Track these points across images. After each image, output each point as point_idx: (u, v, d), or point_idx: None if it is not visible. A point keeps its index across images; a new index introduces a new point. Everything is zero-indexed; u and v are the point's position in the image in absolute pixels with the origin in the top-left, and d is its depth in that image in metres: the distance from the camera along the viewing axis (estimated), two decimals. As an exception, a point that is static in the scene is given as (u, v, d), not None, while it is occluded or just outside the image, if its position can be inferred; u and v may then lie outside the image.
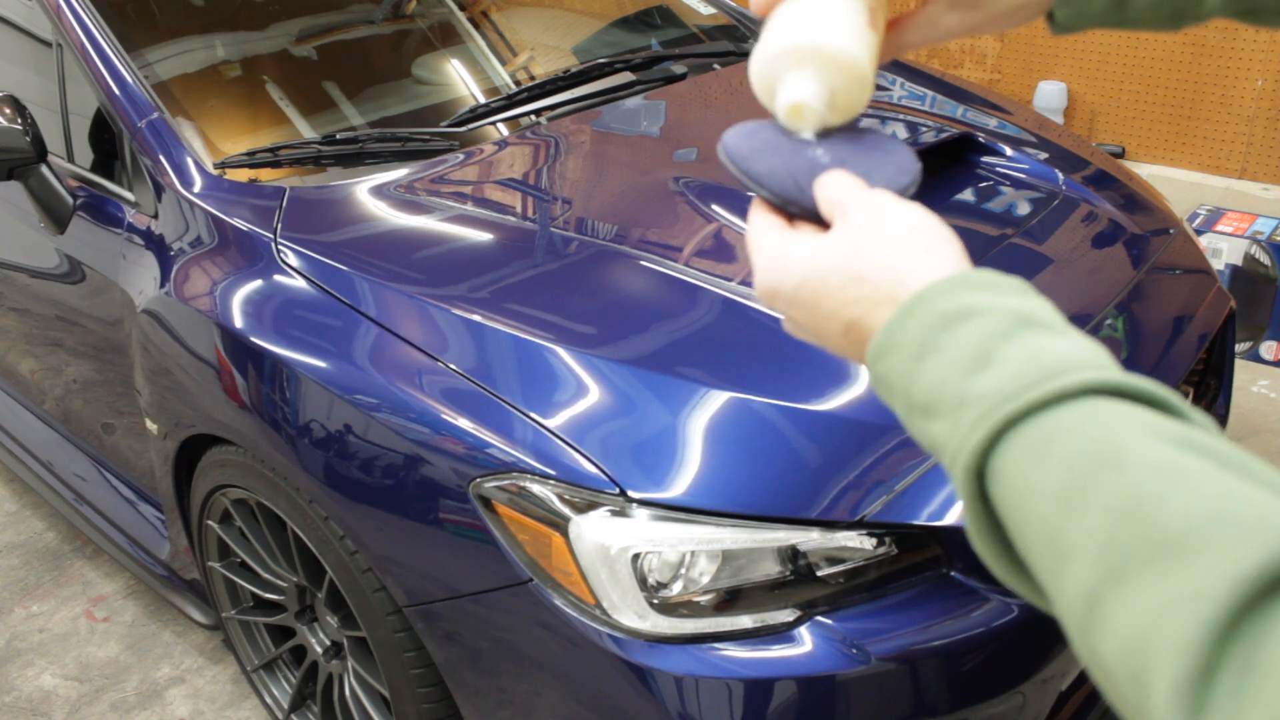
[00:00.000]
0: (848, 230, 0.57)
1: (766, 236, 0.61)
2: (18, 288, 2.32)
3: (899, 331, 0.52)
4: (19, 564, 2.59)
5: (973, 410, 0.47)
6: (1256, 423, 2.87)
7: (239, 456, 1.69)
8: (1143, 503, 0.40)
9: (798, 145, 0.63)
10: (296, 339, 1.55)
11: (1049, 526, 0.43)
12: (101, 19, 2.01)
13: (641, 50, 2.51)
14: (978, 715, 1.33)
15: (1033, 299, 0.51)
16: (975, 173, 1.97)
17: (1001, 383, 0.47)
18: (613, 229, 1.71)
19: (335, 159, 1.90)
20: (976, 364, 0.48)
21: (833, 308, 0.56)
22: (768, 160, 0.62)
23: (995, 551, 0.48)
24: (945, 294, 0.51)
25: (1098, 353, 0.48)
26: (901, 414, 0.53)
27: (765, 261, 0.60)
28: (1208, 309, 1.81)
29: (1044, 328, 0.49)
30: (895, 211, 0.57)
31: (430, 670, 1.52)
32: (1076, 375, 0.45)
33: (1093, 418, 0.44)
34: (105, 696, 2.19)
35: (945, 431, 0.49)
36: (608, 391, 1.37)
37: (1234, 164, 3.61)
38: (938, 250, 0.55)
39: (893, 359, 0.52)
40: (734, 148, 0.64)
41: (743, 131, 0.65)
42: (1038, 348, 0.48)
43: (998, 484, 0.46)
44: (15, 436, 2.61)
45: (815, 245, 0.58)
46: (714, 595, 1.29)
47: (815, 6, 0.63)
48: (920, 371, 0.50)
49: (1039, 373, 0.46)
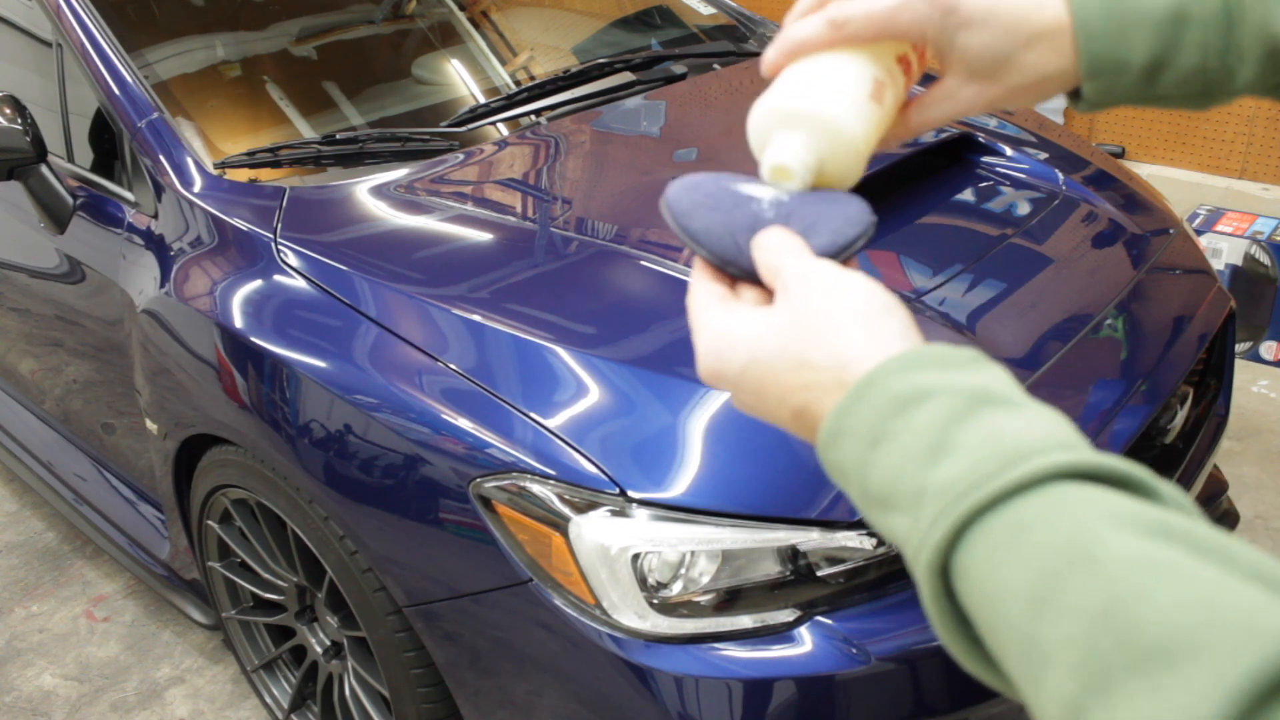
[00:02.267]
0: (788, 308, 0.54)
1: (708, 311, 0.57)
2: (18, 288, 2.32)
3: (848, 418, 0.49)
4: (19, 564, 2.59)
5: (932, 505, 0.44)
6: (1256, 423, 2.87)
7: (239, 456, 1.69)
8: (1122, 605, 0.37)
9: (741, 199, 0.59)
10: (296, 339, 1.55)
11: (1022, 631, 0.40)
12: (101, 19, 2.01)
13: (641, 50, 2.51)
14: (978, 715, 1.33)
15: (986, 370, 0.49)
16: (975, 173, 1.97)
17: (960, 473, 0.44)
18: (613, 229, 1.71)
19: (335, 159, 1.90)
20: (933, 452, 0.46)
21: (779, 394, 0.54)
22: (706, 216, 0.59)
23: (965, 648, 0.45)
24: (894, 374, 0.49)
25: (1060, 427, 0.46)
26: (858, 503, 0.50)
27: (706, 341, 0.56)
28: (1208, 309, 1.81)
29: (1001, 404, 0.47)
30: (837, 287, 0.53)
31: (430, 670, 1.52)
32: (1039, 460, 0.43)
33: (1059, 507, 0.41)
34: (105, 696, 2.19)
35: (905, 526, 0.46)
36: (608, 391, 1.37)
37: (1234, 164, 3.61)
38: (882, 327, 0.52)
39: (845, 448, 0.49)
40: (675, 201, 0.60)
41: (687, 184, 0.61)
42: (996, 429, 0.45)
43: (964, 582, 0.43)
44: (15, 436, 2.61)
45: (757, 326, 0.54)
46: (714, 595, 1.29)
47: (821, 72, 0.61)
48: (874, 461, 0.48)
49: (1000, 459, 0.44)
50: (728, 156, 1.94)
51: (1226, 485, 2.13)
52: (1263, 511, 2.54)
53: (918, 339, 0.52)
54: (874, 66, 0.62)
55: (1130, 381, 1.56)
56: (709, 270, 0.59)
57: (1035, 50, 0.61)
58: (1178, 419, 1.70)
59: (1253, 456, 2.74)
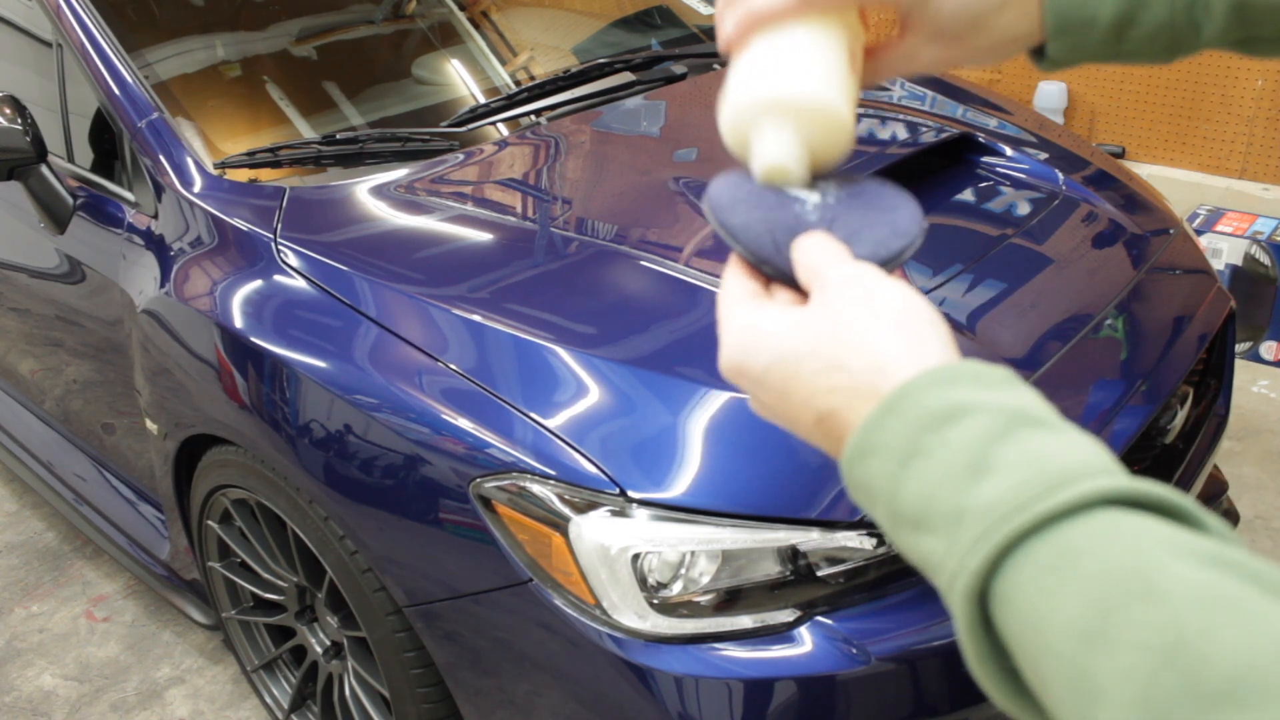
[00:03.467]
0: (825, 309, 0.51)
1: (739, 306, 0.55)
2: (18, 288, 2.32)
3: (880, 432, 0.47)
4: (19, 564, 2.58)
5: (973, 526, 0.42)
6: (1256, 423, 2.87)
7: (239, 456, 1.69)
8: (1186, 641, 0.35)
9: (785, 199, 0.57)
10: (296, 339, 1.55)
11: (1071, 665, 0.38)
12: (101, 19, 2.01)
13: (641, 50, 2.51)
14: (978, 715, 1.33)
15: (1022, 391, 0.47)
16: (975, 173, 1.97)
17: (1003, 493, 0.42)
18: (613, 229, 1.71)
19: (335, 159, 1.90)
20: (972, 472, 0.43)
21: (805, 395, 0.51)
22: (746, 214, 0.56)
23: (998, 680, 0.43)
24: (931, 389, 0.46)
25: (1100, 453, 0.44)
26: (885, 525, 0.47)
27: (733, 334, 0.54)
28: (1208, 309, 1.81)
29: (1040, 425, 0.45)
30: (878, 292, 0.51)
31: (430, 670, 1.52)
32: (1087, 484, 0.41)
33: (1110, 534, 0.39)
34: (105, 696, 2.19)
35: (940, 549, 0.44)
36: (608, 391, 1.37)
37: (1234, 164, 3.61)
38: (922, 338, 0.50)
39: (874, 464, 0.47)
40: (716, 196, 0.58)
41: (731, 180, 0.59)
42: (1039, 451, 0.43)
43: (1004, 610, 0.41)
44: (15, 436, 2.61)
45: (789, 322, 0.52)
46: (714, 595, 1.29)
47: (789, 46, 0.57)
48: (907, 479, 0.45)
49: (1045, 481, 0.41)
50: (728, 156, 1.93)
51: (1226, 485, 2.13)
52: (1263, 511, 2.54)
53: (956, 355, 0.50)
54: (843, 31, 0.58)
55: (1130, 381, 1.56)
56: (743, 267, 0.57)
57: (1006, 13, 0.60)
58: (1178, 419, 1.70)
59: (1253, 456, 2.74)
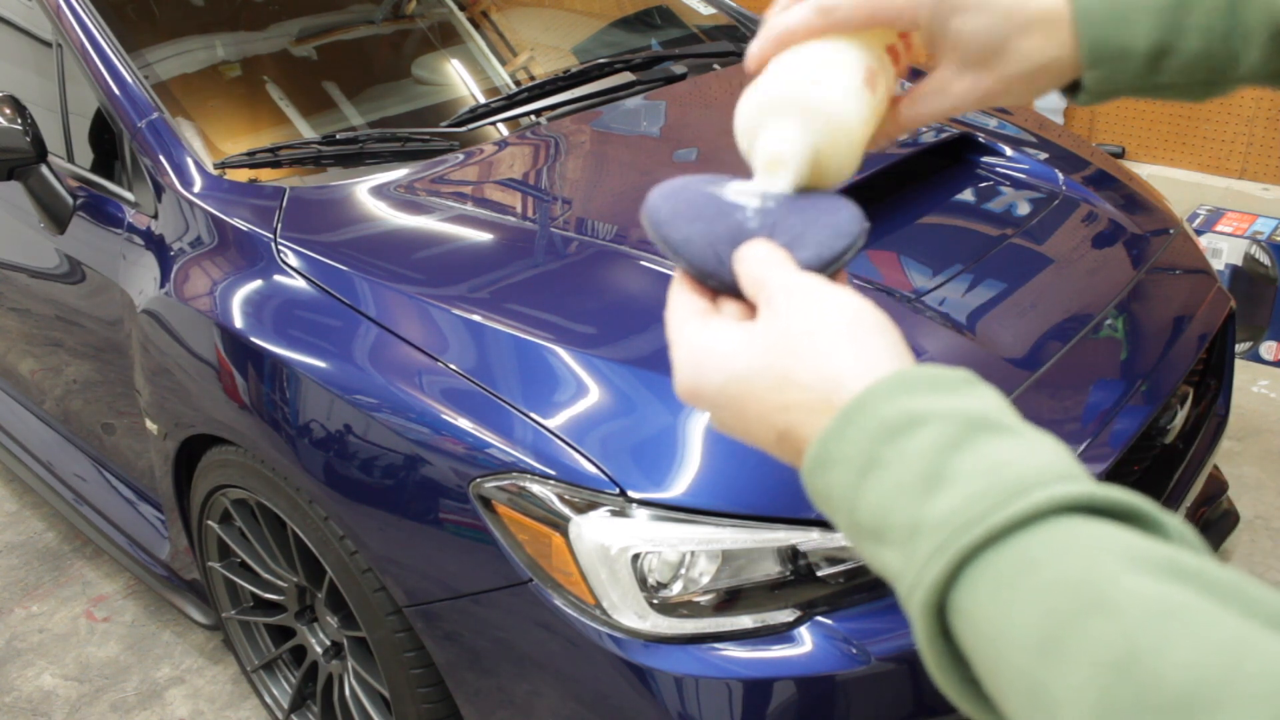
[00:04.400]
0: (773, 323, 0.51)
1: (686, 325, 0.54)
2: (18, 288, 2.32)
3: (838, 443, 0.46)
4: (19, 564, 2.59)
5: (928, 540, 0.42)
6: (1256, 423, 2.87)
7: (239, 456, 1.69)
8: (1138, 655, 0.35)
9: (724, 207, 0.56)
10: (296, 339, 1.55)
11: (1027, 678, 0.38)
12: (101, 19, 2.01)
13: (641, 50, 2.51)
14: (978, 715, 1.33)
15: (981, 394, 0.46)
16: (975, 173, 1.97)
17: (958, 505, 0.42)
18: (613, 229, 1.71)
19: (335, 159, 1.90)
20: (928, 483, 0.43)
21: (762, 412, 0.51)
22: (686, 226, 0.55)
23: (961, 689, 0.43)
24: (884, 398, 0.46)
25: (1059, 455, 0.43)
26: (847, 535, 0.47)
27: (684, 355, 0.53)
28: (1208, 309, 1.81)
29: (998, 430, 0.44)
30: (825, 301, 0.51)
31: (430, 670, 1.52)
32: (1042, 493, 0.40)
33: (1065, 545, 0.39)
34: (105, 696, 2.19)
35: (898, 562, 0.44)
36: (608, 391, 1.37)
37: (1234, 164, 3.61)
38: (873, 345, 0.49)
39: (833, 475, 0.46)
40: (654, 209, 0.57)
41: (668, 190, 0.58)
42: (995, 459, 0.43)
43: (961, 622, 0.41)
44: (15, 436, 2.61)
45: (738, 340, 0.51)
46: (714, 595, 1.29)
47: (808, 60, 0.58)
48: (864, 490, 0.45)
49: (1000, 492, 0.41)
50: (728, 156, 1.93)
51: (1226, 485, 2.13)
52: (1263, 511, 2.54)
53: (909, 358, 0.50)
54: (865, 53, 0.59)
55: (1130, 381, 1.56)
56: (689, 283, 0.56)
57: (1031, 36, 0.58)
58: (1178, 419, 1.70)
59: (1253, 456, 2.74)
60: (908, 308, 1.53)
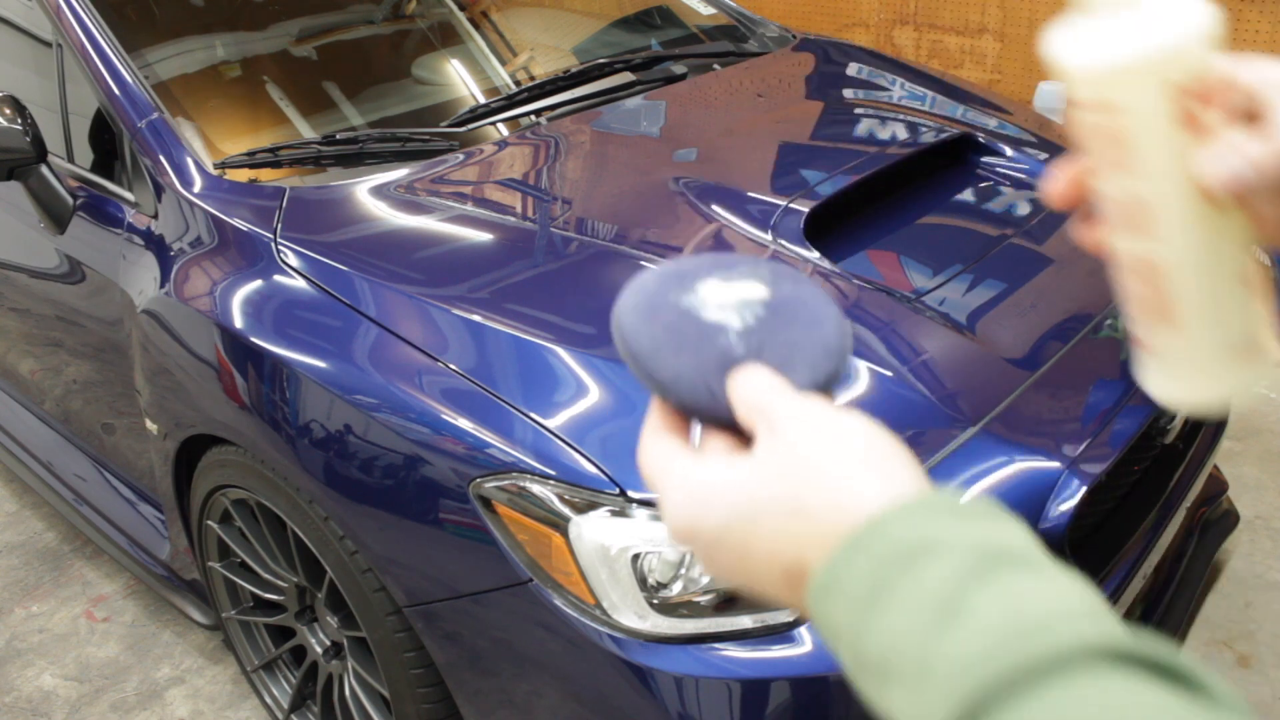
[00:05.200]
0: (779, 451, 0.47)
1: (674, 463, 0.51)
2: (18, 288, 2.32)
3: (847, 569, 0.43)
4: (19, 564, 2.59)
5: (939, 683, 0.38)
6: (1256, 423, 2.87)
7: (239, 457, 1.69)
8: None
9: (707, 330, 0.52)
10: (296, 339, 1.55)
11: None
12: (101, 19, 2.01)
13: (641, 50, 2.51)
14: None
15: (1005, 525, 0.43)
16: (975, 173, 1.97)
17: (974, 646, 0.38)
18: (613, 229, 1.71)
19: (335, 159, 1.90)
20: (941, 616, 0.39)
21: (769, 550, 0.46)
22: (674, 360, 0.52)
23: None
24: (902, 522, 0.43)
25: (1085, 595, 0.40)
26: (850, 669, 0.43)
27: (680, 495, 0.49)
28: (1208, 309, 1.80)
29: (1022, 565, 0.41)
30: (835, 425, 0.48)
31: (430, 670, 1.52)
32: (1069, 639, 0.37)
33: (1094, 701, 0.35)
34: (105, 697, 2.19)
35: (904, 703, 0.40)
36: (608, 391, 1.37)
37: (1234, 164, 3.60)
38: (888, 469, 0.46)
39: (838, 603, 0.43)
40: (633, 336, 0.53)
41: (641, 307, 0.54)
42: (1017, 596, 0.39)
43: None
44: (15, 436, 2.61)
45: (742, 471, 0.48)
46: (714, 595, 1.29)
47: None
48: (872, 621, 0.41)
49: (1021, 633, 0.37)
50: (728, 156, 1.94)
51: (1226, 485, 2.13)
52: (1263, 511, 2.54)
53: (926, 483, 0.46)
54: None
55: (1130, 381, 1.56)
56: (666, 416, 0.53)
57: None
58: (1178, 419, 1.70)
59: (1253, 456, 2.74)
60: (908, 308, 1.53)
